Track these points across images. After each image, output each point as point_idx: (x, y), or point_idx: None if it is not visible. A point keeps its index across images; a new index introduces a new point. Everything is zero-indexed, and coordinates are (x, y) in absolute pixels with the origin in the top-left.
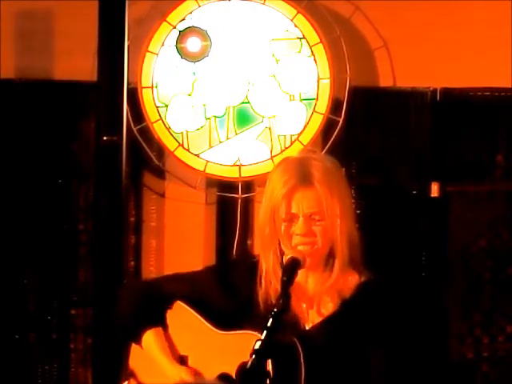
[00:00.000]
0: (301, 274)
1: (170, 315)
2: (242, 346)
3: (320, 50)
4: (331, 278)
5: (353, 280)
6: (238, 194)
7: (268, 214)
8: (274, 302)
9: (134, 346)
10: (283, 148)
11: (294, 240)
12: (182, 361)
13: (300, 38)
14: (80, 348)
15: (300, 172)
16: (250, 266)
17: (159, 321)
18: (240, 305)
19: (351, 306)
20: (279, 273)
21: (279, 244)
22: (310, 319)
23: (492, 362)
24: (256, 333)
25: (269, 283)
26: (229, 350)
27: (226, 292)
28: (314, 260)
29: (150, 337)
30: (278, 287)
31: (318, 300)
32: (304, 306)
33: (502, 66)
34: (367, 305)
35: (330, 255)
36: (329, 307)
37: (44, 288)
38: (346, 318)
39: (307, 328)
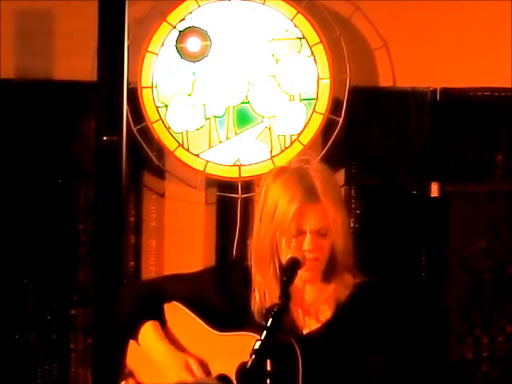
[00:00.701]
0: (298, 282)
1: (168, 316)
2: (239, 347)
3: (320, 50)
4: (329, 288)
5: (347, 283)
6: (237, 194)
7: (271, 230)
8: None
9: (131, 345)
10: (283, 148)
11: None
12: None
13: (300, 38)
14: (80, 348)
15: (303, 186)
16: (248, 268)
17: (157, 316)
18: (238, 306)
19: (346, 310)
20: (277, 287)
21: (278, 258)
22: (307, 325)
23: (492, 362)
24: (254, 334)
25: (263, 296)
26: (227, 352)
27: (224, 294)
28: (314, 273)
29: (147, 329)
30: (276, 298)
31: (315, 307)
32: (301, 312)
33: (502, 66)
34: (361, 307)
35: (328, 264)
36: (327, 314)
37: (44, 288)
38: (341, 322)
39: (304, 333)
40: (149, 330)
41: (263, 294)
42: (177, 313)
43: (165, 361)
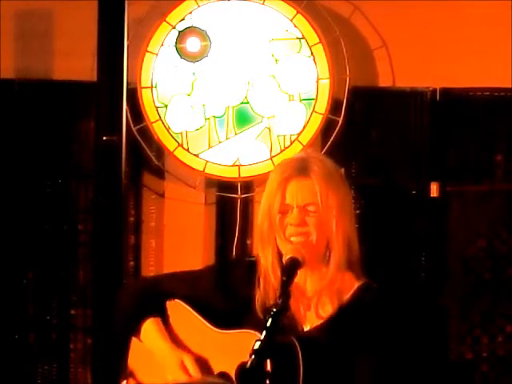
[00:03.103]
0: (299, 275)
1: (170, 313)
2: (240, 344)
3: (319, 50)
4: (328, 274)
5: (350, 282)
6: (237, 194)
7: (266, 208)
8: (272, 303)
9: (133, 344)
10: (283, 148)
11: (288, 231)
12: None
13: (299, 38)
14: (79, 348)
15: (298, 165)
16: (248, 265)
17: (159, 312)
18: (239, 304)
19: (347, 312)
20: (278, 270)
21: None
22: (308, 321)
23: (491, 362)
24: (255, 331)
25: (267, 283)
26: (228, 349)
27: (224, 292)
28: (309, 255)
29: (149, 325)
30: (277, 286)
31: (315, 302)
32: (302, 307)
33: (502, 66)
34: (363, 310)
35: (327, 254)
36: (327, 309)
37: (44, 288)
38: (342, 324)
39: (305, 330)
40: (150, 326)
41: (267, 282)
42: (178, 310)
43: (163, 358)
